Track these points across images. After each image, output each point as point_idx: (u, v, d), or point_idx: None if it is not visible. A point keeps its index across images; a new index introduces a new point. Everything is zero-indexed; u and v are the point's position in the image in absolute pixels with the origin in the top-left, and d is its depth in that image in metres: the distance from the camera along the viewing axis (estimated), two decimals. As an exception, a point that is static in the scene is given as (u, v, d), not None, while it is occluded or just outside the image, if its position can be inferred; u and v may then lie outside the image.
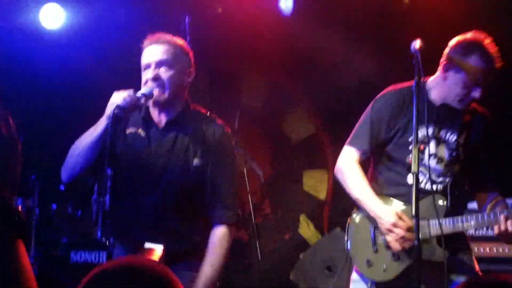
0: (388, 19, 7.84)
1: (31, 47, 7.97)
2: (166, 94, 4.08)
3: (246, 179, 7.56)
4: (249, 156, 7.99)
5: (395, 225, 4.18)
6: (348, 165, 4.49)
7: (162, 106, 4.14)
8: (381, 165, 4.45)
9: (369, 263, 4.37)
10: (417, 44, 3.95)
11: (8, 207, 3.63)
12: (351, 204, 8.02)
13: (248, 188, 7.57)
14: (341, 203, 8.30)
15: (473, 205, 4.59)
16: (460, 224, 4.09)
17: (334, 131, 8.47)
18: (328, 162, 8.55)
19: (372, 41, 8.02)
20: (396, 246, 4.21)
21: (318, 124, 8.62)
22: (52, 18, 7.93)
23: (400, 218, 4.19)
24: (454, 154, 4.26)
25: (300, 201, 8.63)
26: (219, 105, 8.57)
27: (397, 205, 4.30)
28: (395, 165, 4.37)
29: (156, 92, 4.07)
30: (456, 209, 4.19)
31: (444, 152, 4.25)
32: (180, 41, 4.28)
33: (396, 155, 4.36)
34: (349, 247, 4.51)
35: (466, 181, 4.34)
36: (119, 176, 4.09)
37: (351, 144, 4.52)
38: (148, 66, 4.15)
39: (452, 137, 4.28)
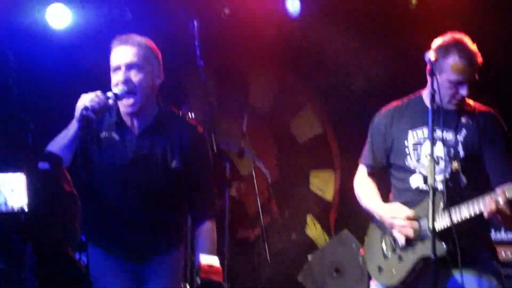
0: (396, 19, 7.86)
1: (37, 47, 7.99)
2: (138, 99, 4.10)
3: (254, 180, 7.59)
4: (256, 156, 8.03)
5: (394, 217, 4.35)
6: (359, 180, 4.77)
7: (134, 111, 4.16)
8: (391, 176, 4.62)
9: (380, 270, 4.52)
10: (431, 56, 4.05)
11: (74, 264, 3.63)
12: (358, 206, 8.10)
13: (256, 188, 7.60)
14: (348, 204, 8.34)
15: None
16: (455, 214, 4.14)
17: (342, 132, 8.51)
18: (335, 163, 8.58)
19: (380, 41, 8.04)
20: (399, 237, 4.35)
21: (325, 124, 8.64)
22: (59, 18, 7.94)
23: (398, 210, 4.36)
24: (451, 152, 4.31)
25: (307, 202, 8.66)
26: (226, 107, 8.62)
27: (405, 208, 4.37)
28: (398, 172, 4.52)
29: (127, 98, 4.08)
30: (457, 203, 4.21)
31: (441, 151, 4.29)
32: (149, 42, 4.26)
33: (397, 162, 4.51)
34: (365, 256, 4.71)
35: (470, 177, 4.36)
36: (95, 179, 4.11)
37: (360, 161, 4.79)
38: (118, 68, 4.12)
39: (449, 136, 4.32)
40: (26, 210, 2.45)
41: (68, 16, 7.95)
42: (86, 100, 3.93)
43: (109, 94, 4.00)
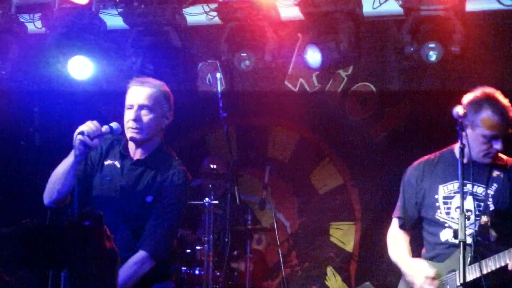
0: (418, 71, 7.91)
1: (59, 97, 8.09)
2: (142, 135, 4.44)
3: (275, 231, 7.62)
4: (276, 208, 8.07)
5: (413, 275, 4.40)
6: (390, 234, 4.79)
7: (137, 143, 4.49)
8: (423, 230, 4.66)
9: None
10: (460, 110, 4.09)
11: None
12: (379, 258, 8.07)
13: (277, 240, 7.62)
14: (369, 256, 8.33)
15: None
16: (483, 267, 4.14)
17: (362, 183, 8.52)
18: (355, 214, 8.56)
19: (402, 94, 8.09)
20: None
21: (346, 176, 8.65)
22: (81, 70, 8.05)
23: (419, 269, 4.37)
24: (482, 206, 4.32)
25: (327, 253, 8.62)
26: (248, 159, 8.67)
27: (426, 267, 4.38)
28: (429, 226, 4.55)
29: (131, 131, 4.42)
30: (485, 257, 4.22)
31: (471, 205, 4.31)
32: (163, 86, 4.63)
33: (428, 215, 4.55)
34: None
35: (500, 231, 4.37)
36: (94, 203, 4.45)
37: (393, 214, 4.80)
38: (131, 107, 4.46)
39: (479, 190, 4.34)
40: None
41: (89, 68, 8.05)
42: (82, 126, 4.22)
43: (105, 126, 4.32)
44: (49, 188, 4.42)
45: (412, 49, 6.45)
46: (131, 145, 4.55)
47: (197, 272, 7.36)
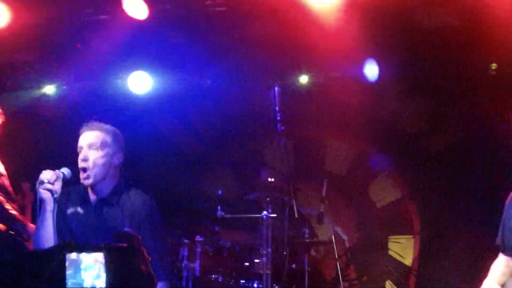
0: (474, 83, 7.84)
1: (119, 111, 8.19)
2: (92, 178, 4.62)
3: (333, 244, 7.59)
4: (334, 222, 8.04)
5: None
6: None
7: (89, 184, 4.66)
8: None
9: None
10: None
11: None
12: (439, 271, 7.98)
13: (335, 253, 7.59)
14: (429, 270, 8.25)
15: None
16: None
17: (421, 198, 8.45)
18: (414, 228, 8.49)
19: (460, 107, 8.02)
20: None
21: (404, 190, 8.59)
22: (140, 84, 8.16)
23: None
24: None
25: (386, 267, 8.57)
26: (305, 172, 8.66)
27: None
28: None
29: (82, 174, 4.61)
30: None
31: None
32: (111, 128, 4.81)
33: None
34: None
35: None
36: None
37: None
38: (81, 148, 4.68)
39: None
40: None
41: (149, 83, 8.16)
42: (40, 177, 4.40)
43: (58, 171, 4.50)
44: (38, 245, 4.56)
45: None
46: (89, 190, 4.74)
47: (255, 285, 7.34)
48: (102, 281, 2.61)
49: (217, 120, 8.74)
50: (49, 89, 8.47)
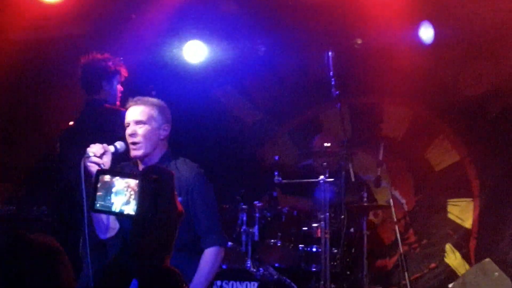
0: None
1: (175, 80, 8.27)
2: (142, 150, 4.81)
3: (392, 208, 7.58)
4: (392, 186, 8.03)
5: None
6: None
7: (141, 159, 4.86)
8: None
9: None
10: None
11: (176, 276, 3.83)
12: (499, 234, 7.93)
13: (393, 217, 7.58)
14: (489, 232, 8.19)
15: None
16: None
17: (479, 159, 8.38)
18: (473, 190, 8.43)
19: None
20: None
21: (462, 152, 8.52)
22: (195, 53, 8.22)
23: None
24: None
25: (445, 230, 8.53)
26: (361, 136, 8.66)
27: None
28: None
29: (131, 147, 4.79)
30: None
31: None
32: (157, 101, 4.98)
33: None
34: None
35: None
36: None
37: None
38: (128, 125, 4.87)
39: None
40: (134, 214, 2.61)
41: (204, 52, 8.21)
42: (88, 151, 4.51)
43: (111, 146, 4.62)
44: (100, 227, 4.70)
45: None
46: (139, 165, 4.92)
47: (314, 249, 7.41)
48: (131, 208, 2.66)
49: (273, 87, 8.78)
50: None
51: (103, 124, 5.69)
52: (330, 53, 7.15)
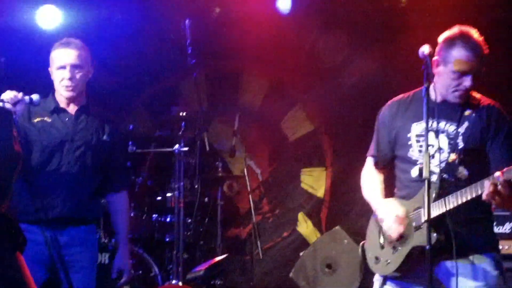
0: (390, 17, 7.90)
1: (27, 47, 7.98)
2: (76, 91, 5.09)
3: (246, 178, 7.63)
4: (247, 155, 8.07)
5: (382, 217, 4.45)
6: (364, 171, 4.78)
7: (71, 99, 5.14)
8: (395, 168, 4.64)
9: (377, 260, 4.57)
10: (426, 49, 4.10)
11: (10, 221, 3.95)
12: (350, 203, 8.13)
13: (248, 187, 7.63)
14: (340, 201, 8.40)
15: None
16: (448, 201, 4.17)
17: (333, 129, 8.55)
18: (326, 160, 8.61)
19: (374, 40, 8.07)
20: (389, 234, 4.42)
21: (317, 122, 8.67)
22: (49, 19, 7.95)
23: (389, 209, 4.43)
24: (452, 144, 4.33)
25: (298, 199, 8.69)
26: (218, 106, 8.65)
27: (397, 206, 4.42)
28: (402, 163, 4.55)
29: (67, 89, 5.06)
30: (451, 193, 4.24)
31: (445, 143, 4.33)
32: (83, 44, 5.22)
33: (400, 153, 4.54)
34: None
35: (472, 170, 4.37)
36: (35, 158, 4.98)
37: (367, 153, 4.80)
38: (63, 67, 5.08)
39: (451, 129, 4.35)
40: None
41: (58, 17, 7.95)
42: (3, 95, 4.55)
43: (26, 97, 4.65)
44: None
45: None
46: (62, 101, 5.17)
47: (168, 219, 7.39)
48: None
49: (129, 56, 8.60)
50: None
51: None
52: (187, 21, 7.06)
